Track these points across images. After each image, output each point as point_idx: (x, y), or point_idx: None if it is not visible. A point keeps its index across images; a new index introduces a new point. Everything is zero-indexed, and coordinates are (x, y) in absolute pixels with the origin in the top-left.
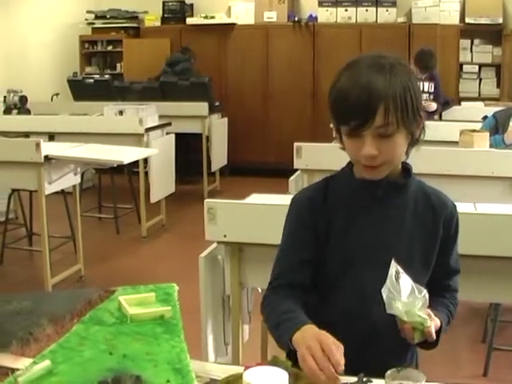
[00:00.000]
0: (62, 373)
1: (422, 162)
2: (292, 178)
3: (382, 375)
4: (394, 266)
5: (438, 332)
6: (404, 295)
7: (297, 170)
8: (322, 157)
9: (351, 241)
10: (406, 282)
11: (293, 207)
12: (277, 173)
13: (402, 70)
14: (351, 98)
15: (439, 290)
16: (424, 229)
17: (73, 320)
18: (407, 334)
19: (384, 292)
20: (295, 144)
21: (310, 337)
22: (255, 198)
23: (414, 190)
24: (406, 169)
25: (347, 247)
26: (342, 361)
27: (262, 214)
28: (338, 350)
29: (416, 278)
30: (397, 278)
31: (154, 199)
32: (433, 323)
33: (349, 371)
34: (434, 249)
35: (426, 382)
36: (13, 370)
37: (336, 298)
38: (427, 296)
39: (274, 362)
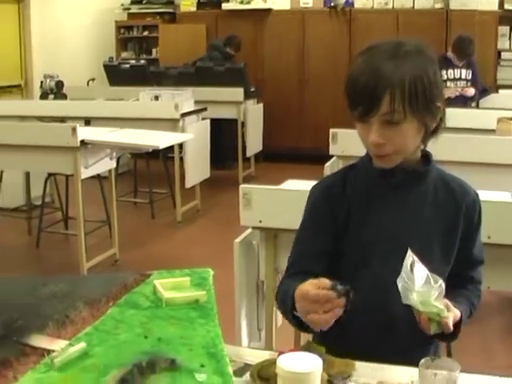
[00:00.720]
0: (97, 355)
1: (458, 150)
2: (327, 164)
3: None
4: (409, 256)
5: (458, 324)
6: (418, 285)
7: (332, 156)
8: (358, 143)
9: (369, 229)
10: (421, 271)
11: (311, 195)
12: (312, 159)
13: (417, 57)
14: (360, 84)
15: (462, 282)
16: (444, 217)
17: (108, 303)
18: (423, 325)
19: (399, 282)
20: (331, 130)
21: (298, 301)
22: (290, 184)
23: (433, 178)
24: (426, 156)
25: (365, 235)
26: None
27: (297, 200)
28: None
29: (435, 268)
30: (412, 267)
31: (188, 184)
32: (451, 314)
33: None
34: (455, 238)
35: (460, 371)
36: (49, 352)
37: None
38: (443, 286)
39: (308, 348)
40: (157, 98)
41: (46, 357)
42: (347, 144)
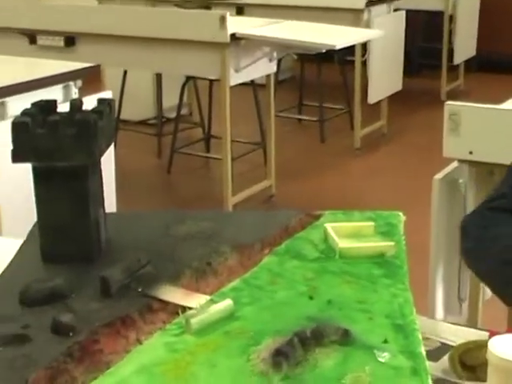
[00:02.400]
0: (247, 317)
1: None
2: None
3: None
4: None
5: None
6: None
7: None
8: None
9: None
10: None
11: None
12: None
13: None
14: None
15: None
16: None
17: (263, 250)
18: None
19: None
20: None
21: None
22: None
23: None
24: None
25: None
26: None
27: None
28: None
29: None
30: None
31: (373, 99)
32: None
33: None
34: None
35: None
36: (184, 309)
37: None
38: None
39: None
40: None
41: (179, 315)
42: None
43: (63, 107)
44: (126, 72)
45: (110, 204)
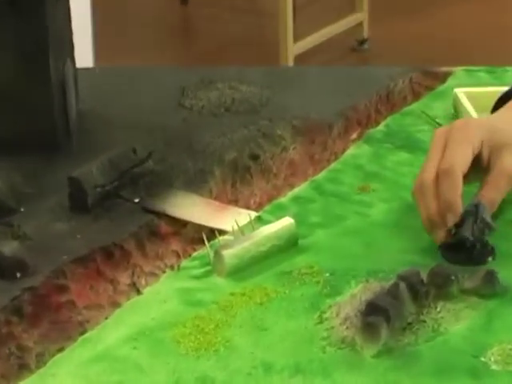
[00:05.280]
0: (319, 248)
1: None
2: None
3: None
4: None
5: None
6: None
7: None
8: None
9: None
10: None
11: None
12: None
13: None
14: None
15: None
16: None
17: (348, 134)
18: None
19: None
20: None
21: None
22: None
23: None
24: None
25: None
26: None
27: None
28: None
29: None
30: None
31: None
32: None
33: None
34: None
35: None
36: (212, 233)
37: None
38: None
39: None
40: None
41: (204, 244)
42: None
43: None
44: None
45: (85, 54)
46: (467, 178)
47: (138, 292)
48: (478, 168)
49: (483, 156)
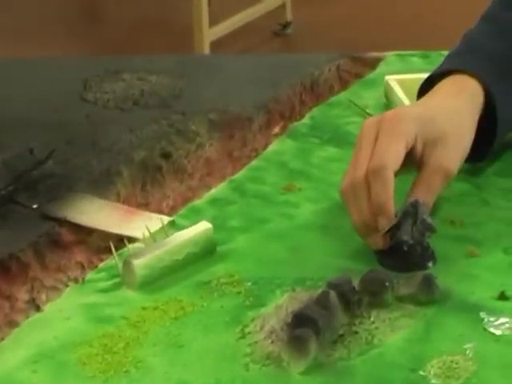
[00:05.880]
0: (239, 255)
1: None
2: None
3: None
4: None
5: None
6: None
7: None
8: None
9: None
10: None
11: None
12: None
13: None
14: None
15: None
16: None
17: (270, 128)
18: None
19: None
20: None
21: None
22: None
23: None
24: None
25: None
26: None
27: None
28: None
29: None
30: None
31: None
32: None
33: None
34: None
35: None
36: (120, 241)
37: None
38: None
39: None
40: None
41: (112, 253)
42: None
43: None
44: None
45: None
46: (399, 171)
47: (38, 309)
48: (411, 161)
49: (417, 150)
